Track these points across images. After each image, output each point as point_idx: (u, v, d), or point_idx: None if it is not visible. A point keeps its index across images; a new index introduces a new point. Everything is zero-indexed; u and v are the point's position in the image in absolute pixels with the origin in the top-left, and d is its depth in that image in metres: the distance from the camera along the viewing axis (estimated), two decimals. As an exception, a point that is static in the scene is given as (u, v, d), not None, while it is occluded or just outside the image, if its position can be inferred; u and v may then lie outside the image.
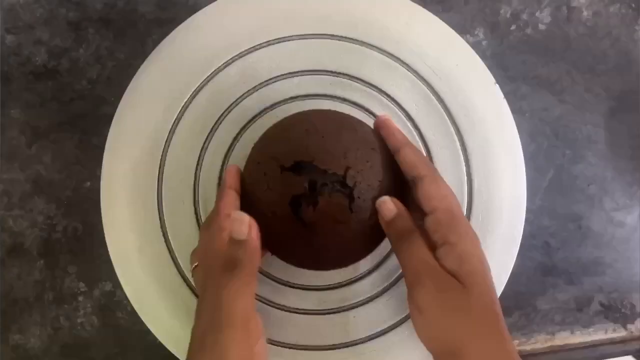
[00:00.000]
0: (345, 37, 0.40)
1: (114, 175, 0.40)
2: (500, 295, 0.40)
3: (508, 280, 0.40)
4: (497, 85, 0.40)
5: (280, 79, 0.40)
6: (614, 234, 0.46)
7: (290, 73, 0.40)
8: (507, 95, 0.41)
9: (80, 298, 0.44)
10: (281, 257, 0.37)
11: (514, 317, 0.45)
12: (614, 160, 0.46)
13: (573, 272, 0.45)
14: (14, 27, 0.44)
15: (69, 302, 0.43)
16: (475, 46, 0.44)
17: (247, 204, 0.35)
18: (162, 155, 0.40)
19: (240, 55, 0.40)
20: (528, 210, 0.41)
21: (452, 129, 0.40)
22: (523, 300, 0.45)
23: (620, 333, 0.46)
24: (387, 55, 0.40)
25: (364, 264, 0.40)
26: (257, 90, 0.40)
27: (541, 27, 0.45)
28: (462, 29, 0.45)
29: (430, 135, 0.40)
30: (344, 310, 0.39)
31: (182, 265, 0.39)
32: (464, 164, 0.40)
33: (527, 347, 0.45)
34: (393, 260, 0.39)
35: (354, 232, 0.33)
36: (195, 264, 0.34)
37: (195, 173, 0.40)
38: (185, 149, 0.40)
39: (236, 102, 0.40)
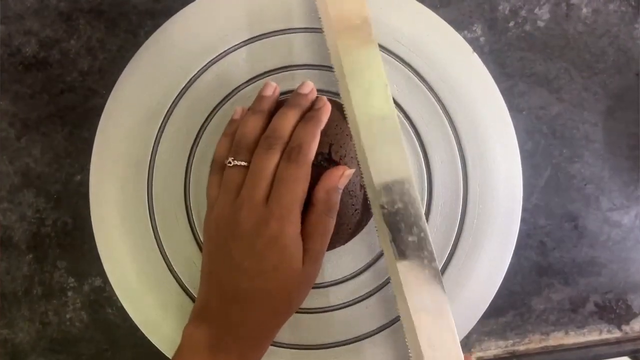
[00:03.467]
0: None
1: (104, 169, 0.39)
2: (495, 294, 0.40)
3: (503, 280, 0.40)
4: (494, 81, 0.40)
5: (282, 72, 0.40)
6: (610, 234, 0.45)
7: (290, 66, 0.40)
8: (504, 92, 0.40)
9: (70, 293, 0.43)
10: None
11: (508, 317, 0.45)
12: (611, 160, 0.45)
13: (568, 273, 0.45)
14: (4, 17, 0.43)
15: (58, 297, 0.43)
16: (473, 42, 0.44)
17: None
18: (152, 149, 0.39)
19: (236, 48, 0.39)
20: (524, 209, 0.40)
21: (449, 129, 0.40)
22: (518, 300, 0.44)
23: (615, 334, 0.45)
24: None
25: (354, 264, 0.39)
26: (255, 81, 0.40)
27: (540, 24, 0.45)
28: (460, 25, 0.44)
29: (422, 126, 0.40)
30: (330, 311, 0.39)
31: (171, 261, 0.39)
32: (459, 163, 0.40)
33: (521, 347, 0.45)
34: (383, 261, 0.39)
35: (347, 205, 0.35)
36: (241, 162, 0.34)
37: (188, 164, 0.39)
38: (178, 138, 0.39)
39: (237, 90, 0.39)
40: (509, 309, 0.44)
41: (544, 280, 0.45)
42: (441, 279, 0.36)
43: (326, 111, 0.35)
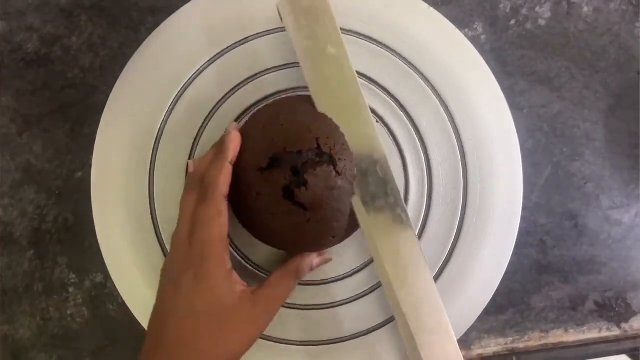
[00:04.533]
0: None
1: (105, 165, 0.39)
2: (495, 292, 0.40)
3: (503, 278, 0.40)
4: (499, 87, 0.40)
5: (284, 69, 0.40)
6: (610, 233, 0.45)
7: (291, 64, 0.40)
8: (504, 90, 0.40)
9: (71, 289, 0.43)
10: (290, 250, 0.37)
11: (508, 315, 0.45)
12: (612, 158, 0.45)
13: (568, 271, 0.45)
14: (5, 14, 0.43)
15: (59, 293, 0.43)
16: (474, 41, 0.44)
17: (241, 211, 0.36)
18: (154, 145, 0.39)
19: (237, 45, 0.40)
20: (524, 208, 0.40)
21: (449, 127, 0.40)
22: (517, 298, 0.45)
23: (614, 332, 0.45)
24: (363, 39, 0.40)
25: (357, 259, 0.39)
26: (253, 80, 0.40)
27: (541, 22, 0.45)
28: (461, 23, 0.44)
29: (423, 125, 0.40)
30: (335, 306, 0.39)
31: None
32: (460, 160, 0.40)
33: (521, 345, 0.45)
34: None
35: (347, 193, 0.35)
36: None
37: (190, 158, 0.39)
38: (180, 135, 0.39)
39: (234, 90, 0.40)
40: (509, 307, 0.45)
41: (544, 279, 0.45)
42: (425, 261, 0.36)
43: (231, 141, 0.34)
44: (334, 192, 0.34)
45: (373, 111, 0.40)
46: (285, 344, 0.39)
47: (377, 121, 0.40)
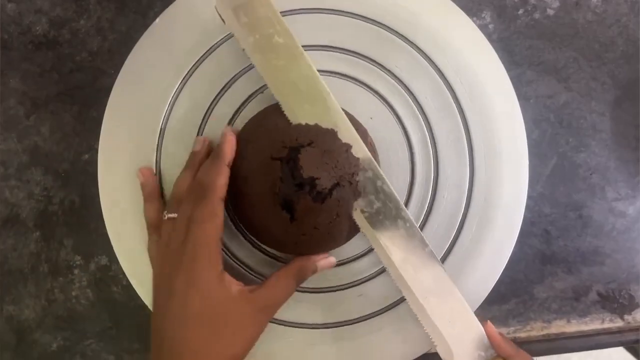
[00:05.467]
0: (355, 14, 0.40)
1: (112, 147, 0.39)
2: (498, 281, 0.40)
3: (506, 267, 0.40)
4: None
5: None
6: (614, 224, 0.45)
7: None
8: (512, 80, 0.41)
9: (76, 271, 0.43)
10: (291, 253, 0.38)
11: (510, 304, 0.45)
12: (618, 150, 0.45)
13: (572, 261, 0.45)
14: (15, -4, 0.43)
15: (64, 274, 0.43)
16: (482, 30, 0.43)
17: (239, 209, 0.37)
18: (161, 127, 0.39)
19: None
20: (529, 197, 0.40)
21: (455, 110, 0.40)
22: (520, 287, 0.45)
23: (617, 323, 0.45)
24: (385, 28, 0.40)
25: (364, 242, 0.39)
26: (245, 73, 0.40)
27: (549, 12, 0.45)
28: (469, 12, 0.44)
29: (431, 112, 0.40)
30: (343, 289, 0.39)
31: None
32: (467, 149, 0.40)
33: (523, 335, 0.45)
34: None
35: (346, 202, 0.35)
36: (172, 214, 0.34)
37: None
38: (187, 117, 0.39)
39: (239, 74, 0.39)
40: (512, 296, 0.45)
41: (547, 269, 0.45)
42: (436, 257, 0.37)
43: (227, 143, 0.35)
44: (325, 214, 0.34)
45: (381, 97, 0.40)
46: (308, 327, 0.39)
47: (385, 105, 0.40)
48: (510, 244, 0.40)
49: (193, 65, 0.39)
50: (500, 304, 0.45)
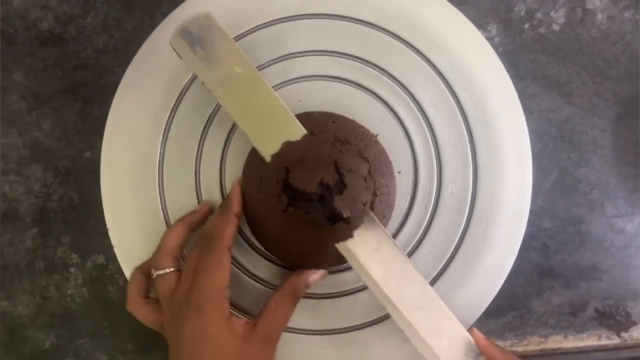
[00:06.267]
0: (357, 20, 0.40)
1: (115, 144, 0.39)
2: (496, 294, 0.40)
3: (504, 280, 0.40)
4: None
5: (267, 65, 0.40)
6: (613, 241, 0.45)
7: (276, 59, 0.40)
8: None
9: (72, 269, 0.43)
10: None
11: (507, 318, 0.45)
12: (619, 166, 0.45)
13: (570, 276, 0.45)
14: (22, -9, 0.43)
15: (60, 272, 0.43)
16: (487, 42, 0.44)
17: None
18: (165, 126, 0.39)
19: (253, 31, 0.39)
20: (529, 211, 0.40)
21: (462, 124, 0.40)
22: (518, 301, 0.45)
23: (614, 340, 0.45)
24: (390, 35, 0.40)
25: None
26: (268, 67, 0.40)
27: (555, 27, 0.45)
28: (475, 24, 0.44)
29: (437, 126, 0.40)
30: (351, 293, 0.39)
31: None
32: (470, 159, 0.40)
33: (519, 349, 0.45)
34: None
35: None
36: (170, 269, 0.34)
37: (199, 147, 0.39)
38: (188, 125, 0.39)
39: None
40: (509, 310, 0.45)
41: (545, 283, 0.45)
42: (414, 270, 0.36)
43: (235, 196, 0.35)
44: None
45: (386, 104, 0.40)
46: (309, 334, 0.39)
47: (390, 113, 0.40)
48: (511, 258, 0.40)
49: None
50: (498, 317, 0.44)
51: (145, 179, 0.39)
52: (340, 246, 0.35)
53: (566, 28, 0.45)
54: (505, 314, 0.45)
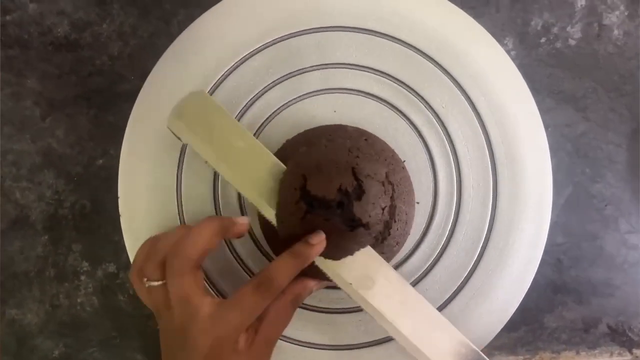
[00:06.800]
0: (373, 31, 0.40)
1: (134, 152, 0.39)
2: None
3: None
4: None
5: (310, 70, 0.39)
6: (626, 257, 0.45)
7: (320, 65, 0.40)
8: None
9: (82, 277, 0.43)
10: None
11: (519, 332, 0.44)
12: (633, 182, 0.45)
13: (582, 292, 0.45)
14: (38, -4, 0.43)
15: (71, 280, 0.43)
16: (503, 55, 0.44)
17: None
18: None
19: (273, 43, 0.39)
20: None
21: (483, 141, 0.40)
22: (530, 316, 0.44)
23: (626, 357, 0.45)
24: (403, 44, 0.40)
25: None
26: (311, 71, 0.40)
27: (571, 42, 0.45)
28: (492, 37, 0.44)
29: (460, 147, 0.40)
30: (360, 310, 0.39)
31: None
32: (491, 175, 0.39)
33: (531, 364, 0.44)
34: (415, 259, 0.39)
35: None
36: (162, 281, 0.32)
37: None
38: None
39: (268, 87, 0.39)
40: (522, 325, 0.44)
41: (558, 298, 0.44)
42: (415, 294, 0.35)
43: (319, 250, 0.33)
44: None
45: (418, 132, 0.39)
46: (312, 347, 0.38)
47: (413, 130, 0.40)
48: (522, 291, 0.39)
49: (221, 76, 0.39)
50: (510, 331, 0.44)
51: (165, 156, 0.38)
52: (359, 298, 0.34)
53: (582, 43, 0.45)
54: (518, 328, 0.44)
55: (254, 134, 0.39)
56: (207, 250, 0.32)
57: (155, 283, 0.32)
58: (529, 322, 0.44)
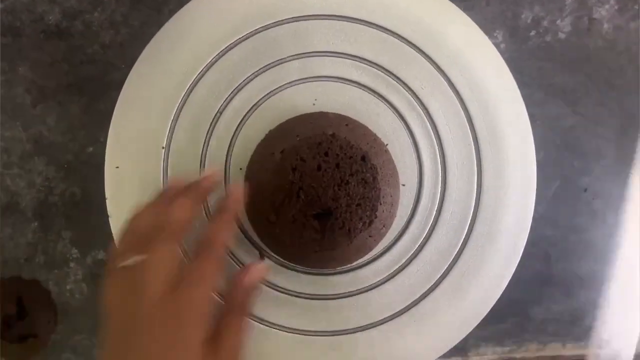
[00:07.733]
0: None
1: (121, 141, 0.39)
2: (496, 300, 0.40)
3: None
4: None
5: (289, 60, 0.39)
6: (614, 250, 0.45)
7: (298, 54, 0.40)
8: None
9: (72, 264, 0.43)
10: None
11: (507, 324, 0.45)
12: (621, 176, 0.45)
13: (570, 285, 0.45)
14: (30, -16, 0.43)
15: (60, 267, 0.43)
16: (494, 48, 0.44)
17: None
18: (171, 125, 0.39)
19: (250, 35, 0.39)
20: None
21: (469, 130, 0.40)
22: (518, 307, 0.45)
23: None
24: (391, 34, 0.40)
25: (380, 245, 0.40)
26: (289, 61, 0.40)
27: (561, 35, 0.45)
28: (482, 30, 0.44)
29: (446, 136, 0.40)
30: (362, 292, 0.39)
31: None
32: (476, 170, 0.40)
33: (518, 356, 0.45)
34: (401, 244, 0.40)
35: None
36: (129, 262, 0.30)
37: (204, 145, 0.39)
38: (195, 124, 0.39)
39: (249, 79, 0.39)
40: (509, 316, 0.44)
41: (545, 290, 0.45)
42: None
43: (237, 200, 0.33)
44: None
45: (400, 115, 0.40)
46: (308, 334, 0.39)
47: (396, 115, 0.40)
48: (512, 266, 0.40)
49: (207, 64, 0.39)
50: (497, 323, 0.44)
51: (150, 155, 0.39)
52: None
53: (572, 37, 0.45)
54: (505, 320, 0.45)
55: (237, 127, 0.39)
56: (191, 221, 0.31)
57: (138, 258, 0.29)
58: (516, 314, 0.45)
